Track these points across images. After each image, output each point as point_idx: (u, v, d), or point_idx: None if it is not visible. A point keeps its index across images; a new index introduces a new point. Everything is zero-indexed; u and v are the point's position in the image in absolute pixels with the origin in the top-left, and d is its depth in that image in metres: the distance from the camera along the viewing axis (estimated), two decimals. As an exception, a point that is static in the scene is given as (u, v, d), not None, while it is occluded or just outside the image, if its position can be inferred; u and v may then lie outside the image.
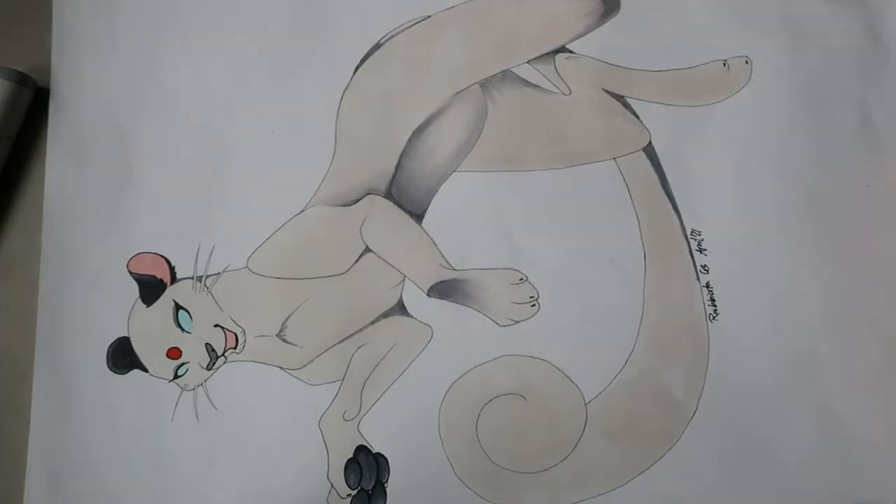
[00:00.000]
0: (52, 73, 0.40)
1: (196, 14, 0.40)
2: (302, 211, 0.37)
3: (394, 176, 0.38)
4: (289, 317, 0.36)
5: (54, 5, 0.40)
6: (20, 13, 0.41)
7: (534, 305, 0.36)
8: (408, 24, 0.39)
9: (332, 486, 0.35)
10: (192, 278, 0.37)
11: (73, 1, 0.41)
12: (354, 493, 0.34)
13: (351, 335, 0.36)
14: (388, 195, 0.37)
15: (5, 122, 0.38)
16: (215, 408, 0.36)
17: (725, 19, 0.38)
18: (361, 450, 0.35)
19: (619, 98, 0.38)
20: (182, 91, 0.39)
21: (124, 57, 0.40)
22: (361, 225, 0.37)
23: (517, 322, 0.36)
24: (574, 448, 0.34)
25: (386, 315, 0.36)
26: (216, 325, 0.36)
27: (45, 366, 0.36)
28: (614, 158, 0.37)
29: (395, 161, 0.38)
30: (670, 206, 0.36)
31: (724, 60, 0.38)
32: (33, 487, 0.35)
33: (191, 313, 0.36)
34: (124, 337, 0.36)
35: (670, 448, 0.34)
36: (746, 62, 0.38)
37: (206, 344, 0.36)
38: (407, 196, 0.37)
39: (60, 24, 0.40)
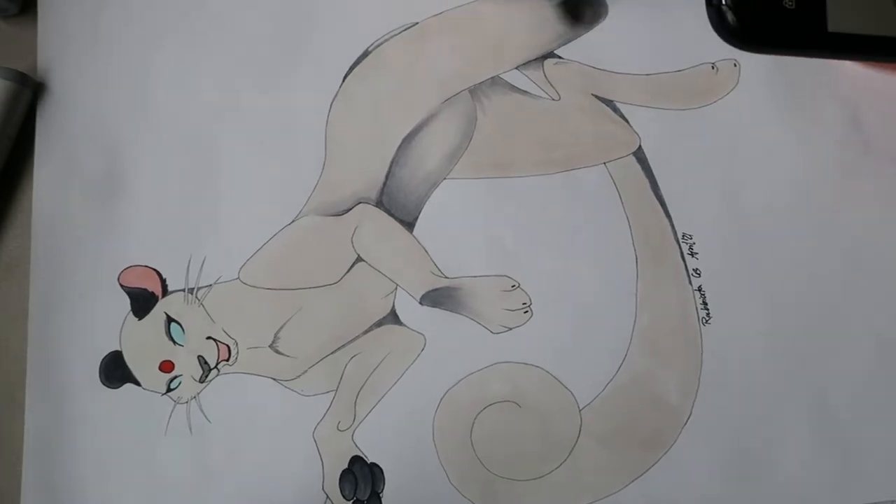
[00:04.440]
0: (37, 85, 0.40)
1: (184, 24, 0.40)
2: (293, 221, 0.37)
3: (384, 184, 0.37)
4: (281, 328, 0.36)
5: (39, 18, 0.40)
6: (19, 14, 0.41)
7: (526, 312, 0.36)
8: (396, 31, 0.39)
9: (327, 496, 0.34)
10: (183, 290, 0.37)
11: (58, 11, 0.40)
12: (350, 503, 0.34)
13: (344, 345, 0.36)
14: (379, 203, 0.37)
15: (5, 122, 0.38)
16: (209, 420, 0.36)
17: (714, 22, 0.38)
18: (356, 460, 0.35)
19: (609, 102, 0.37)
20: (171, 101, 0.39)
21: (112, 68, 0.40)
22: (353, 234, 0.37)
23: (510, 329, 0.35)
24: (569, 454, 0.34)
25: (378, 324, 0.36)
26: (208, 338, 0.36)
27: (37, 380, 0.36)
28: (604, 163, 0.37)
29: (386, 169, 0.38)
30: (661, 210, 0.36)
31: (713, 63, 0.37)
32: (28, 501, 0.35)
33: (183, 326, 0.36)
34: (116, 351, 0.36)
35: (665, 453, 0.34)
36: (735, 65, 0.37)
37: (199, 356, 0.36)
38: (397, 204, 0.37)
39: (45, 36, 0.40)
